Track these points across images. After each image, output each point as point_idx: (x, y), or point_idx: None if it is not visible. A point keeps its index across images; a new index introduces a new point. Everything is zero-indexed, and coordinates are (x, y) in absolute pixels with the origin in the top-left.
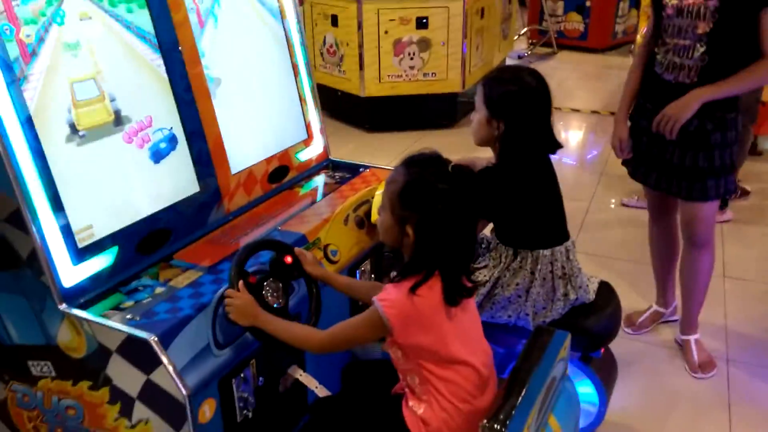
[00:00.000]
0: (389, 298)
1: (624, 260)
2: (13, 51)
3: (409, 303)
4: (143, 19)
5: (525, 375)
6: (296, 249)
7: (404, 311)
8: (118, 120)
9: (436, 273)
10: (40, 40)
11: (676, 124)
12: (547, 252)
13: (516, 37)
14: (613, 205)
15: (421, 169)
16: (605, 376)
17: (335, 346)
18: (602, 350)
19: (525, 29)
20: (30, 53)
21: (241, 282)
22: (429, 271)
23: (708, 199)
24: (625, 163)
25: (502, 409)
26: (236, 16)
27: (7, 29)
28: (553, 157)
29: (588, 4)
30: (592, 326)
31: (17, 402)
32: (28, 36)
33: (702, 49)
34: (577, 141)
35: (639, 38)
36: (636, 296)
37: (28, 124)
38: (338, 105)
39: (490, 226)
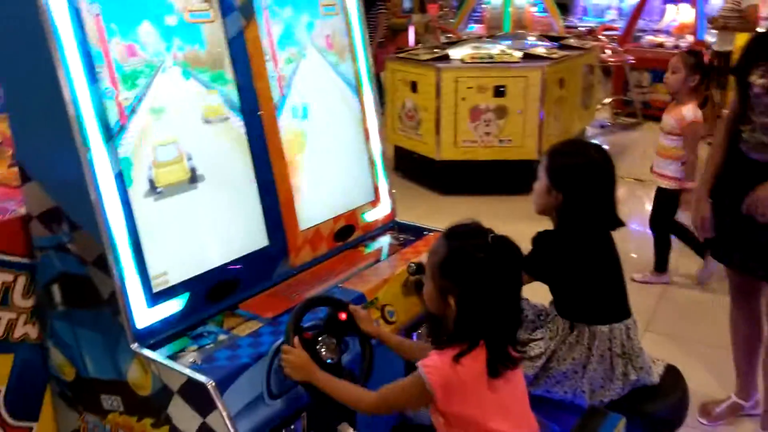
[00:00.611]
0: (432, 364)
1: (701, 343)
2: (112, 113)
3: (451, 371)
4: (230, 87)
5: None
6: (351, 306)
7: (446, 378)
8: (194, 178)
9: (481, 343)
10: (138, 102)
11: None
12: (605, 328)
13: (599, 107)
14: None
15: (461, 241)
16: None
17: (384, 408)
18: None
19: (609, 99)
20: (126, 114)
21: (296, 338)
22: (473, 341)
23: None
24: (707, 243)
25: None
26: (314, 84)
27: (108, 92)
28: (637, 228)
29: None
30: (656, 412)
31: None
32: (126, 99)
33: None
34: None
35: (725, 112)
36: (714, 383)
37: (119, 178)
38: (414, 168)
39: (549, 297)
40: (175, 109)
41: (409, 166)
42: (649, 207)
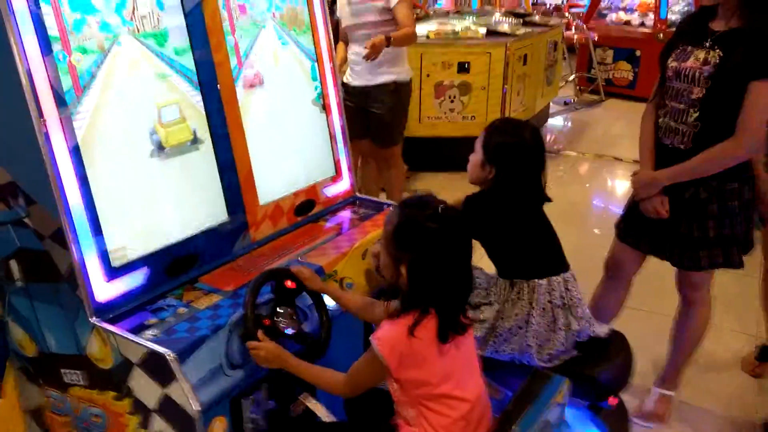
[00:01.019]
0: (383, 336)
1: (653, 312)
2: (67, 84)
3: (403, 341)
4: (187, 58)
5: (515, 415)
6: (293, 268)
7: (398, 349)
8: (153, 152)
9: (431, 311)
10: (94, 74)
11: (646, 204)
12: (543, 281)
13: (563, 84)
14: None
15: (413, 211)
16: (615, 427)
17: (356, 388)
18: (612, 401)
19: (573, 76)
20: (81, 87)
21: (260, 331)
22: (424, 310)
23: (700, 269)
24: (617, 224)
25: None
26: (272, 57)
27: (62, 63)
28: (599, 205)
29: (638, 53)
30: (600, 374)
31: (51, 407)
32: (80, 70)
33: (695, 115)
34: (623, 190)
35: None
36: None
37: (75, 151)
38: None
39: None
40: (131, 82)
41: None
42: (610, 183)
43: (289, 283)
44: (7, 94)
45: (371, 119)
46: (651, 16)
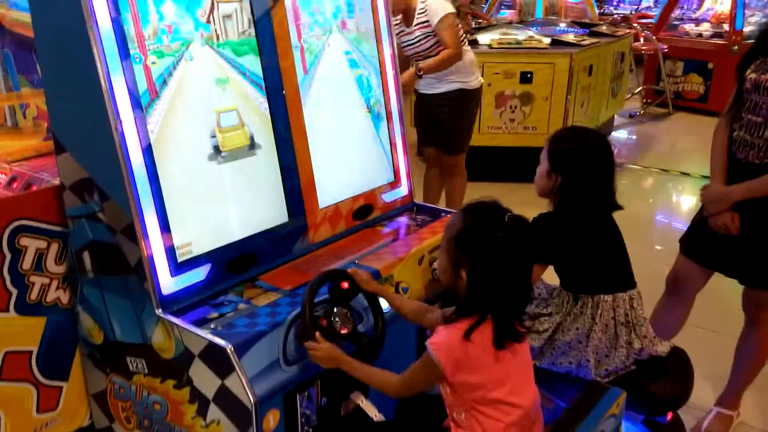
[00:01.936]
0: (439, 341)
1: (717, 332)
2: (142, 87)
3: (459, 346)
4: (254, 64)
5: (570, 425)
6: (349, 270)
7: (454, 353)
8: (219, 155)
9: (488, 317)
10: (168, 77)
11: (716, 220)
12: (608, 297)
13: (630, 96)
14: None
15: (478, 216)
16: None
17: (409, 390)
18: (669, 416)
19: (640, 88)
20: (156, 89)
21: (317, 333)
22: (482, 316)
23: None
24: (682, 239)
25: None
26: (336, 64)
27: (139, 67)
28: (663, 220)
29: (710, 66)
30: (658, 389)
31: (115, 393)
32: (156, 74)
33: None
34: (688, 206)
35: None
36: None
37: (148, 151)
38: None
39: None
40: (203, 86)
41: None
42: (675, 198)
43: (345, 285)
44: (87, 95)
45: (438, 126)
46: (725, 27)
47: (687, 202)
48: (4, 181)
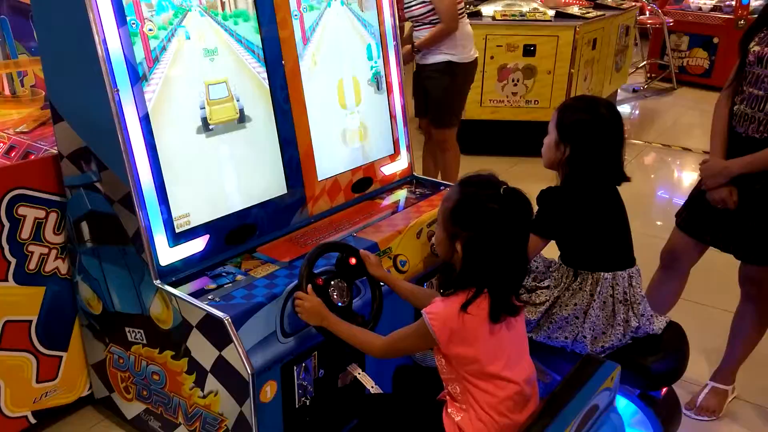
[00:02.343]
0: (436, 311)
1: (712, 307)
2: (140, 56)
3: (456, 317)
4: (253, 34)
5: (562, 399)
6: (361, 251)
7: (449, 325)
8: (212, 126)
9: (484, 290)
10: (164, 47)
11: (714, 194)
12: (608, 275)
13: (633, 70)
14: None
15: (475, 189)
16: (665, 417)
17: (392, 352)
18: (664, 390)
19: (644, 62)
20: (153, 59)
21: (309, 285)
22: (478, 289)
23: (766, 264)
24: (678, 214)
25: (533, 427)
26: (337, 35)
27: (136, 36)
28: (664, 196)
29: (715, 40)
30: (653, 364)
31: (114, 363)
32: (153, 43)
33: None
34: (690, 181)
35: None
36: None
37: (146, 120)
38: None
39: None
40: (201, 56)
41: None
42: (676, 174)
43: (353, 261)
44: (84, 63)
45: (427, 98)
46: (730, 1)
47: (688, 177)
48: (2, 150)
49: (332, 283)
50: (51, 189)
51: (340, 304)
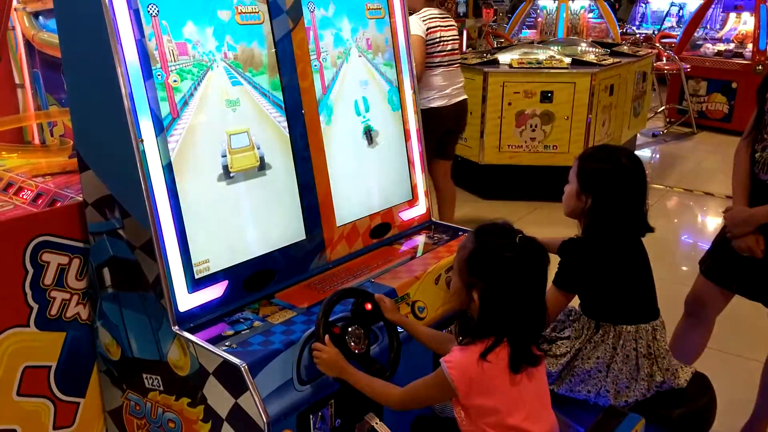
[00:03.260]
0: (454, 360)
1: (735, 354)
2: (164, 107)
3: (475, 367)
4: (274, 85)
5: None
6: (376, 296)
7: (468, 374)
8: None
9: (504, 339)
10: (189, 98)
11: (740, 242)
12: (631, 328)
13: (653, 115)
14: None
15: (490, 238)
16: None
17: (410, 404)
18: None
19: (663, 107)
20: (177, 110)
21: (326, 336)
22: (497, 338)
23: None
24: (702, 261)
25: None
26: (356, 85)
27: (161, 88)
28: (687, 241)
29: (734, 85)
30: (679, 417)
31: (130, 410)
32: (177, 95)
33: None
34: (713, 226)
35: None
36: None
37: (168, 169)
38: (456, 171)
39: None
40: (223, 106)
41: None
42: (700, 218)
43: (369, 306)
44: (111, 114)
45: None
46: (747, 47)
47: (712, 222)
48: (30, 197)
49: (349, 330)
50: (75, 236)
51: (357, 351)
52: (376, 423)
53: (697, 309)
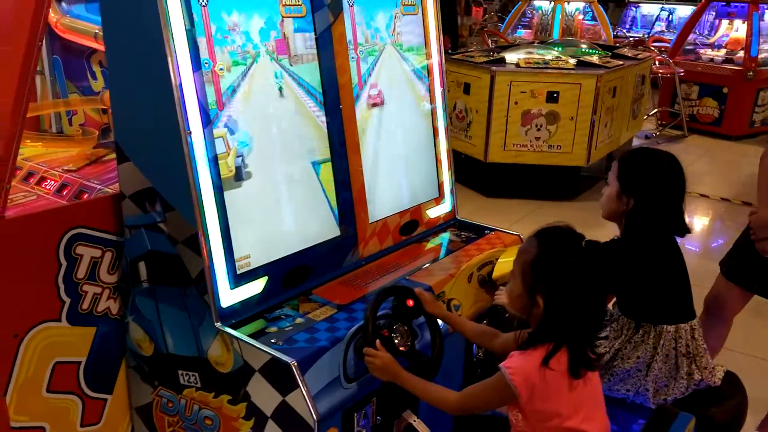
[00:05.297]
0: (515, 365)
1: (743, 353)
2: (212, 100)
3: (537, 372)
4: (315, 79)
5: None
6: (417, 290)
7: (531, 380)
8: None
9: (563, 344)
10: (234, 91)
11: (765, 244)
12: (671, 328)
13: (645, 117)
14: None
15: (555, 242)
16: None
17: (467, 409)
18: None
19: (655, 110)
20: (223, 102)
21: (378, 341)
22: (558, 343)
23: None
24: (723, 262)
25: None
26: (390, 81)
27: (209, 79)
28: (689, 241)
29: (725, 90)
30: (717, 415)
31: (161, 407)
32: (224, 87)
33: None
34: (702, 227)
35: None
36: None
37: (214, 162)
38: (460, 168)
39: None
40: (266, 99)
41: (455, 167)
42: (698, 220)
43: (410, 303)
44: (157, 106)
45: None
46: (739, 53)
47: (712, 224)
48: (54, 188)
49: (394, 328)
50: (109, 228)
51: (402, 349)
52: (414, 420)
53: (717, 308)
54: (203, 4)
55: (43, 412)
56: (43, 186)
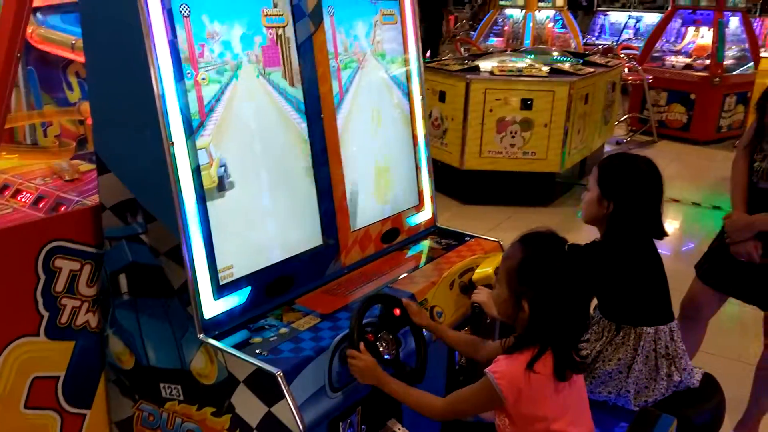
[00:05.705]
0: (501, 370)
1: (718, 356)
2: (194, 110)
3: (524, 377)
4: (296, 89)
5: None
6: (404, 300)
7: (516, 384)
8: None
9: (548, 348)
10: (217, 101)
11: (739, 247)
12: (650, 329)
13: (616, 124)
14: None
15: (539, 247)
16: None
17: (452, 414)
18: None
19: (625, 116)
20: (206, 112)
21: (362, 344)
22: (543, 346)
23: None
24: (698, 265)
25: None
26: (370, 89)
27: (191, 89)
28: (663, 245)
29: (692, 96)
30: (696, 416)
31: (142, 421)
32: (206, 97)
33: None
34: (673, 231)
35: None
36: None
37: (197, 173)
38: (436, 175)
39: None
40: (246, 109)
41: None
42: (672, 225)
43: (397, 312)
44: (139, 117)
45: None
46: (705, 61)
47: (685, 228)
48: (30, 200)
49: (379, 335)
50: (88, 240)
51: (387, 356)
52: (399, 429)
53: (693, 311)
54: (185, 14)
55: (21, 429)
56: (19, 198)
